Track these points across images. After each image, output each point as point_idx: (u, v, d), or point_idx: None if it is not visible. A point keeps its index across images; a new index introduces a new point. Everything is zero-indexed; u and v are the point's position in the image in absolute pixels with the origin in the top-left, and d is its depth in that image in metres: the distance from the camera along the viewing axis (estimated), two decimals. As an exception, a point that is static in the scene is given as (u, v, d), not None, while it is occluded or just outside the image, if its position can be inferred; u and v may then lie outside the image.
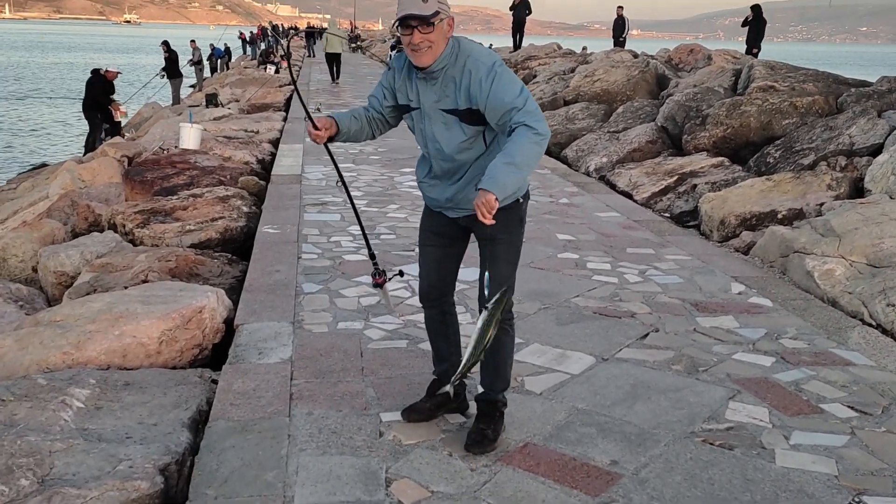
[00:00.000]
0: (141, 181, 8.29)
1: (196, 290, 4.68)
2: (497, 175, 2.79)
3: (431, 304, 3.44)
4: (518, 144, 2.83)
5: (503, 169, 2.80)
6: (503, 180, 2.78)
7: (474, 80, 2.92)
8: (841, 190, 6.83)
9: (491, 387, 3.28)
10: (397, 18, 2.91)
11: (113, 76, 16.01)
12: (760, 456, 3.22)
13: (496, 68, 2.93)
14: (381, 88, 3.25)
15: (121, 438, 3.26)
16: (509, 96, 2.89)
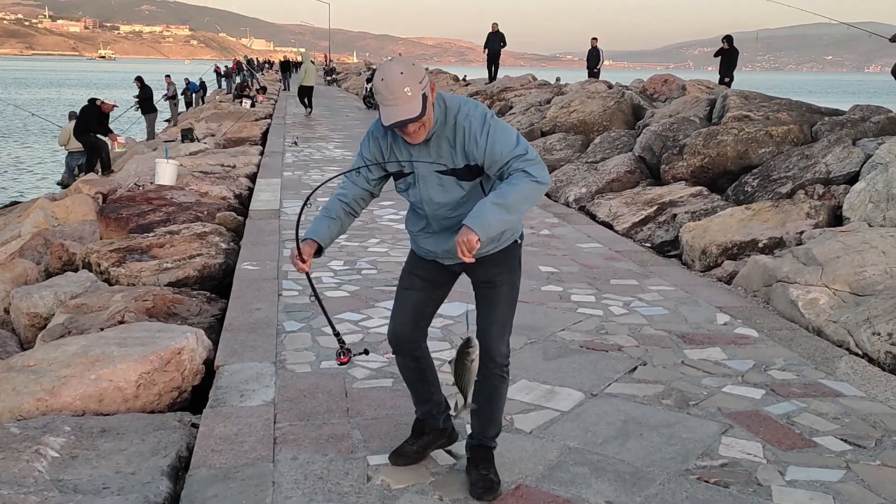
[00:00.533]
0: (116, 218, 8.16)
1: (174, 330, 4.57)
2: (484, 214, 2.71)
3: (403, 351, 3.22)
4: (512, 186, 2.74)
5: (491, 209, 2.71)
6: (489, 220, 2.69)
7: (469, 137, 2.80)
8: (820, 218, 6.87)
9: (485, 433, 3.18)
10: (386, 126, 2.74)
11: (109, 108, 16.03)
12: (757, 493, 3.16)
13: (489, 120, 2.81)
14: (365, 163, 3.02)
15: (97, 489, 3.14)
16: (507, 147, 2.78)
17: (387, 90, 2.65)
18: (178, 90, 28.27)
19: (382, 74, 2.67)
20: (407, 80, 2.65)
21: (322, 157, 13.73)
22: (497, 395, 3.08)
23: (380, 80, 2.67)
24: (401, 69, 2.66)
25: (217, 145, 15.99)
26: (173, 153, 12.74)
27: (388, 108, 2.68)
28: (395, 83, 2.63)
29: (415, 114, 2.66)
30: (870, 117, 8.85)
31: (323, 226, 3.07)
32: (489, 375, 3.02)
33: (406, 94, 2.64)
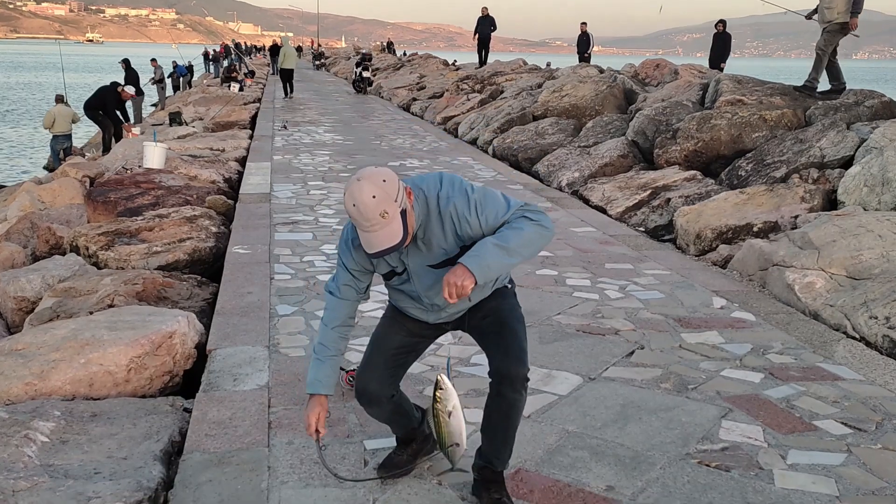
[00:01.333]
0: (104, 202, 8.05)
1: (165, 314, 4.49)
2: (484, 255, 2.46)
3: (374, 404, 2.90)
4: (514, 230, 2.51)
5: (492, 250, 2.47)
6: (488, 262, 2.45)
7: (460, 221, 2.56)
8: (814, 202, 6.84)
9: (498, 456, 2.85)
10: (370, 255, 2.46)
11: (128, 97, 16.12)
12: (759, 477, 3.13)
13: (472, 196, 2.57)
14: (352, 277, 2.75)
15: (89, 474, 3.07)
16: (502, 211, 2.58)
17: (361, 217, 2.37)
18: (164, 74, 27.98)
19: (353, 199, 2.37)
20: (381, 203, 2.36)
21: (312, 141, 13.62)
22: (514, 413, 2.75)
23: (351, 206, 2.38)
24: (372, 192, 2.35)
25: (206, 129, 15.84)
26: (161, 137, 12.59)
27: (368, 235, 2.41)
28: (370, 209, 2.35)
29: (397, 240, 2.41)
30: (863, 101, 8.82)
31: (328, 371, 2.78)
32: (506, 395, 2.72)
33: (383, 218, 2.37)
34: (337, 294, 2.78)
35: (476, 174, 10.54)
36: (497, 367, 2.70)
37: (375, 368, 2.85)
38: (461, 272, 2.44)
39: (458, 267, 2.46)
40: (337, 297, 2.78)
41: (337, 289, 2.78)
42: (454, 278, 2.43)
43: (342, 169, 10.69)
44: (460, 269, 2.45)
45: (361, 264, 2.72)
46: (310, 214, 7.83)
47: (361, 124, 16.64)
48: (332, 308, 2.80)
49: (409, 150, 12.88)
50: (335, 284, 2.79)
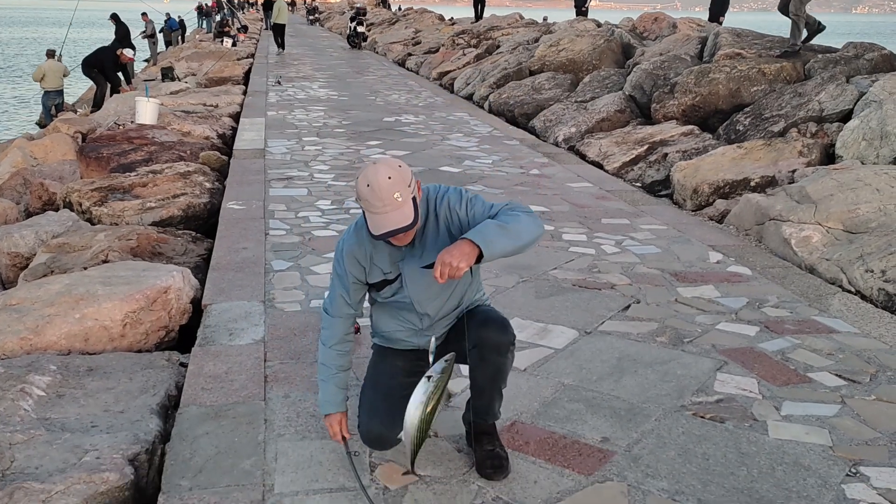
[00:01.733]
0: (97, 158, 7.98)
1: (160, 269, 4.47)
2: (485, 231, 2.43)
3: (383, 445, 2.83)
4: (512, 216, 2.52)
5: (493, 228, 2.45)
6: (491, 237, 2.41)
7: (452, 215, 2.62)
8: (812, 156, 6.80)
9: (488, 412, 2.83)
10: (377, 237, 2.44)
11: (126, 60, 15.97)
12: (753, 428, 3.15)
13: (465, 195, 2.65)
14: (345, 290, 2.73)
15: (86, 428, 3.08)
16: (487, 208, 2.61)
17: (375, 197, 2.38)
18: (156, 28, 27.58)
19: (368, 180, 2.39)
20: (395, 184, 2.39)
21: (306, 97, 13.47)
22: (500, 376, 2.75)
23: (365, 187, 2.39)
24: (388, 173, 2.39)
25: (198, 85, 15.66)
26: (154, 92, 12.44)
27: (378, 217, 2.41)
28: (384, 189, 2.37)
29: (408, 221, 2.42)
30: (863, 54, 8.72)
31: (334, 390, 2.78)
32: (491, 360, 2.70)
33: (396, 200, 2.39)
34: (331, 311, 2.79)
35: (472, 129, 10.45)
36: (480, 337, 2.66)
37: (378, 413, 2.78)
38: (458, 252, 2.38)
39: (459, 243, 2.41)
40: (331, 316, 2.79)
41: (331, 304, 2.78)
42: (449, 257, 2.37)
43: (337, 125, 10.59)
44: (459, 246, 2.40)
45: (355, 275, 2.71)
46: (304, 170, 7.77)
47: (356, 80, 16.46)
48: (327, 327, 2.81)
49: (404, 105, 12.76)
50: (329, 301, 2.80)
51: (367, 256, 2.68)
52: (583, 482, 2.78)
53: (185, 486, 2.70)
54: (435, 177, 7.55)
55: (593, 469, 2.86)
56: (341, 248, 2.72)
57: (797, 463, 2.91)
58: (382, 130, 10.22)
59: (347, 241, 2.71)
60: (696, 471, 2.85)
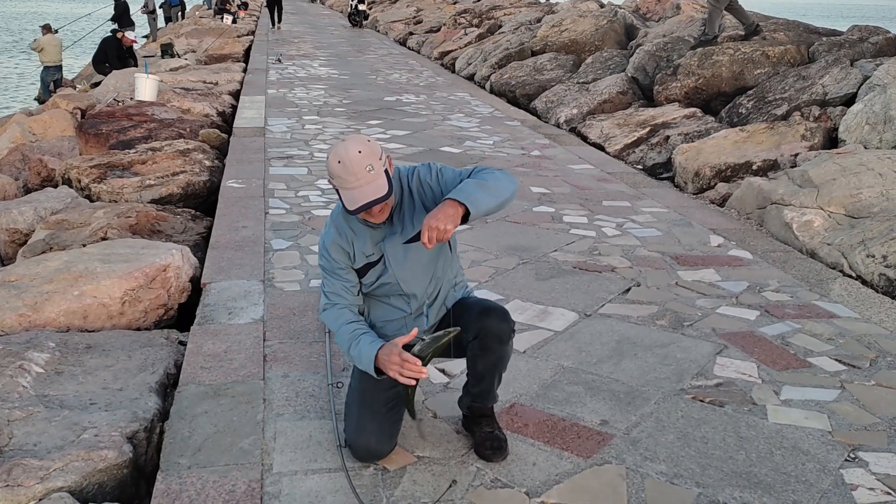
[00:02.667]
0: (96, 134, 7.93)
1: (159, 247, 4.45)
2: (467, 189, 2.46)
3: (380, 458, 2.74)
4: (487, 173, 2.57)
5: (473, 186, 2.48)
6: (475, 195, 2.44)
7: (424, 187, 2.64)
8: (815, 140, 6.76)
9: (488, 396, 2.84)
10: (354, 211, 2.43)
11: (129, 43, 15.88)
12: (752, 412, 3.15)
13: (435, 166, 2.68)
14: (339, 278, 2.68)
15: (84, 405, 3.07)
16: (458, 173, 2.64)
17: (347, 172, 2.39)
18: (156, 4, 27.36)
19: (339, 156, 2.41)
20: (366, 157, 2.40)
21: (307, 75, 13.39)
22: (502, 363, 2.76)
23: (336, 164, 2.40)
24: (358, 148, 2.40)
25: (198, 62, 15.57)
26: (153, 69, 12.36)
27: (352, 192, 2.41)
28: (355, 163, 2.38)
29: (382, 192, 2.42)
30: (868, 38, 8.66)
31: (369, 340, 2.60)
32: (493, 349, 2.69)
33: (369, 172, 2.40)
34: (333, 306, 2.70)
35: (473, 110, 10.40)
36: (482, 326, 2.65)
37: (370, 431, 2.70)
38: (443, 214, 2.39)
39: (442, 205, 2.42)
40: (335, 308, 2.69)
41: (329, 301, 2.71)
42: (435, 221, 2.38)
43: (337, 103, 10.53)
44: (443, 208, 2.41)
45: (343, 261, 2.67)
46: (305, 149, 7.74)
47: (357, 58, 16.36)
48: (335, 317, 2.69)
49: (405, 84, 12.68)
50: (326, 300, 2.71)
51: (349, 242, 2.65)
52: (581, 465, 2.78)
53: (183, 465, 2.70)
54: (435, 157, 7.52)
55: (592, 452, 2.86)
56: (324, 242, 2.69)
57: (796, 447, 2.91)
58: (383, 110, 10.16)
59: (328, 234, 2.69)
60: (694, 454, 2.86)
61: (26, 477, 2.56)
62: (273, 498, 2.55)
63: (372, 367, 2.56)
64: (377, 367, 2.55)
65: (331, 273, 2.70)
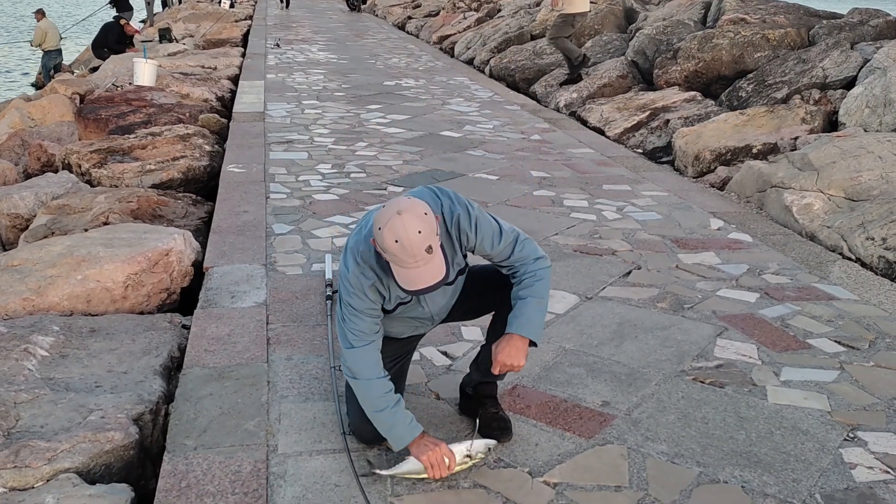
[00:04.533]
0: (95, 119, 7.92)
1: (161, 231, 4.47)
2: (533, 317, 2.51)
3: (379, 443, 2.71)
4: (541, 280, 2.57)
5: (535, 308, 2.51)
6: (536, 320, 2.51)
7: (461, 233, 2.50)
8: (815, 123, 6.77)
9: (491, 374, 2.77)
10: (411, 293, 2.33)
11: (132, 31, 15.78)
12: (752, 393, 3.17)
13: (473, 213, 2.51)
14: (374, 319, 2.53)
15: (90, 388, 3.10)
16: (496, 240, 2.54)
17: (405, 254, 2.24)
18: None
19: (396, 235, 2.22)
20: (426, 238, 2.24)
21: (306, 60, 13.35)
22: None
23: (393, 242, 2.22)
24: (418, 227, 2.22)
25: (196, 46, 15.50)
26: (151, 54, 12.32)
27: (409, 272, 2.28)
28: (415, 245, 2.22)
29: (440, 276, 2.30)
30: (868, 21, 8.63)
31: (401, 417, 2.56)
32: None
33: (427, 254, 2.25)
34: (357, 343, 2.51)
35: (473, 94, 10.38)
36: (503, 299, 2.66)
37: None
38: (515, 351, 2.50)
39: (511, 340, 2.51)
40: (359, 347, 2.52)
41: (357, 338, 2.51)
42: (508, 358, 2.50)
43: (337, 88, 10.51)
44: (512, 343, 2.50)
45: (378, 302, 2.51)
46: (305, 133, 7.73)
47: (356, 43, 16.30)
48: (361, 360, 2.52)
49: (404, 69, 12.65)
50: (352, 337, 2.51)
51: (385, 287, 2.50)
52: (583, 445, 2.81)
53: (189, 446, 2.73)
54: (436, 141, 7.52)
55: (594, 432, 2.89)
56: (360, 284, 2.46)
57: (795, 427, 2.94)
58: (382, 94, 10.14)
59: (365, 276, 2.46)
60: (695, 434, 2.88)
61: (34, 458, 2.59)
62: (278, 478, 2.58)
63: (401, 444, 2.54)
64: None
65: (361, 313, 2.50)
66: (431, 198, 2.49)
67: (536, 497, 2.52)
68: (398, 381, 2.79)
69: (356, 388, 2.56)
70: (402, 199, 2.31)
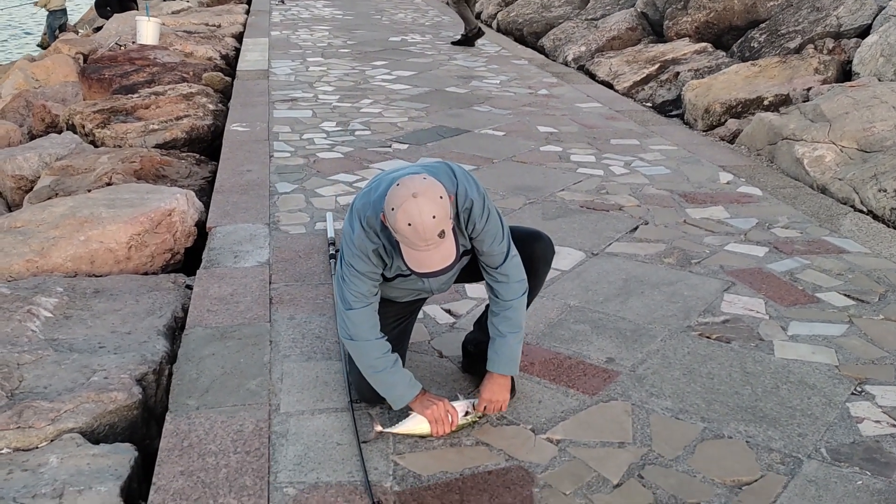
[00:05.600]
0: (98, 79, 7.85)
1: (164, 191, 4.44)
2: (514, 355, 2.62)
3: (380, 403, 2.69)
4: (519, 311, 2.60)
5: (515, 346, 2.61)
6: (516, 357, 2.63)
7: (471, 219, 2.45)
8: (829, 73, 6.63)
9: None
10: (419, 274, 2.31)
11: None
12: (759, 348, 3.14)
13: (487, 205, 2.46)
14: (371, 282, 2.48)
15: (93, 348, 3.10)
16: (496, 244, 2.51)
17: (417, 237, 2.19)
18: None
19: (410, 218, 2.16)
20: (440, 223, 2.19)
21: (310, 16, 13.18)
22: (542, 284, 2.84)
23: (406, 225, 2.17)
24: (432, 212, 2.17)
25: (200, 4, 15.31)
26: (154, 12, 12.18)
27: (419, 254, 2.23)
28: (429, 230, 2.18)
29: (450, 260, 2.26)
30: (885, -32, 8.40)
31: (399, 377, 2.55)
32: (544, 269, 2.76)
33: (440, 238, 2.21)
34: (356, 304, 2.47)
35: (480, 49, 10.23)
36: (532, 252, 2.67)
37: None
38: (500, 389, 2.62)
39: (497, 380, 2.61)
40: (357, 309, 2.47)
41: (355, 299, 2.47)
42: (494, 396, 2.61)
43: (342, 45, 10.37)
44: (499, 383, 2.61)
45: (380, 265, 2.47)
46: (309, 91, 7.65)
47: (361, -2, 16.07)
48: (358, 321, 2.48)
49: (410, 24, 12.47)
50: (350, 297, 2.47)
51: (388, 254, 2.47)
52: (587, 402, 2.79)
53: (192, 406, 2.73)
54: (441, 97, 7.42)
55: (598, 389, 2.87)
56: (365, 246, 2.42)
57: (802, 382, 2.91)
58: (388, 50, 10.01)
59: (370, 240, 2.42)
60: (700, 390, 2.86)
61: (37, 419, 2.60)
62: (281, 437, 2.57)
63: (402, 402, 2.55)
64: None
65: (363, 275, 2.45)
66: (447, 176, 2.41)
67: (539, 454, 2.51)
68: (400, 342, 2.77)
69: (353, 349, 2.54)
70: (417, 180, 2.23)
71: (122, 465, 2.45)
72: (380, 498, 2.30)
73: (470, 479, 2.40)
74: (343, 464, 2.45)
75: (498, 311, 2.61)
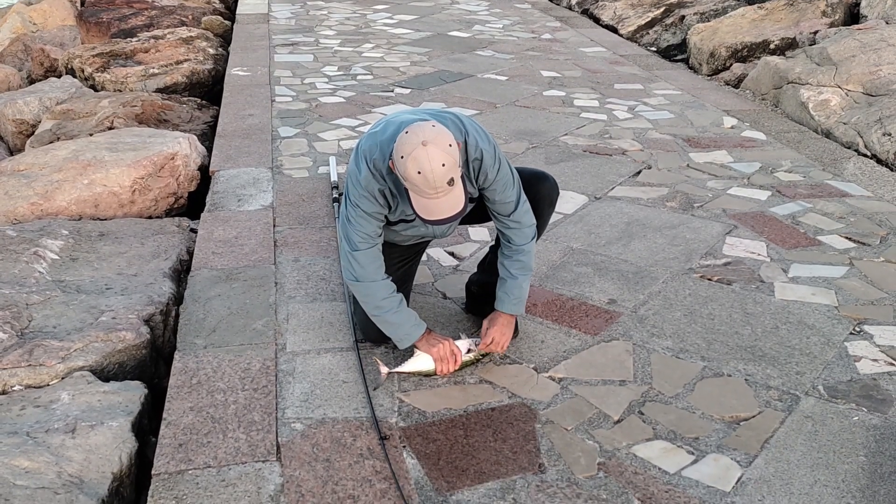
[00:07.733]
0: (97, 23, 7.76)
1: (166, 135, 4.43)
2: (523, 296, 2.65)
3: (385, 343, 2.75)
4: (528, 254, 2.63)
5: (526, 287, 2.64)
6: (524, 297, 2.66)
7: (482, 170, 2.43)
8: (836, 16, 6.54)
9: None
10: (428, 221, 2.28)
11: None
12: (759, 290, 3.17)
13: (498, 156, 2.45)
14: (377, 223, 2.48)
15: (100, 290, 3.13)
16: (508, 194, 2.50)
17: (427, 185, 2.17)
18: None
19: (419, 166, 2.15)
20: (449, 170, 2.17)
21: (310, -41, 12.94)
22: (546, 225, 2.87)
23: (416, 173, 2.15)
24: (442, 160, 2.15)
25: (198, -53, 15.02)
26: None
27: (428, 202, 2.22)
28: (438, 178, 2.16)
29: (459, 207, 2.24)
30: None
31: (405, 316, 2.57)
32: (548, 211, 2.77)
33: (449, 186, 2.19)
34: (362, 245, 2.47)
35: (482, -8, 10.08)
36: (536, 192, 2.68)
37: None
38: (506, 328, 2.64)
39: (502, 318, 2.64)
40: (363, 250, 2.48)
41: (361, 240, 2.47)
42: (501, 337, 2.63)
43: (342, -12, 10.21)
44: (505, 322, 2.64)
45: (385, 205, 2.46)
46: (310, 35, 7.56)
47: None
48: (364, 263, 2.49)
49: (412, -33, 12.25)
50: (358, 238, 2.47)
51: (393, 196, 2.46)
52: (589, 341, 2.83)
53: (199, 345, 2.77)
54: (443, 42, 7.34)
55: (599, 329, 2.90)
56: (370, 186, 2.41)
57: (801, 322, 2.95)
58: (389, -6, 9.86)
59: (376, 180, 2.41)
60: (700, 330, 2.90)
61: (48, 357, 2.64)
62: (287, 375, 2.62)
63: (408, 341, 2.58)
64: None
65: (369, 216, 2.45)
66: (455, 125, 2.39)
67: (541, 391, 2.56)
68: (405, 283, 2.80)
69: (358, 290, 2.55)
70: (426, 127, 2.22)
71: (132, 401, 2.50)
72: (386, 433, 2.35)
73: (474, 415, 2.45)
74: (349, 401, 2.49)
75: (510, 254, 2.63)
